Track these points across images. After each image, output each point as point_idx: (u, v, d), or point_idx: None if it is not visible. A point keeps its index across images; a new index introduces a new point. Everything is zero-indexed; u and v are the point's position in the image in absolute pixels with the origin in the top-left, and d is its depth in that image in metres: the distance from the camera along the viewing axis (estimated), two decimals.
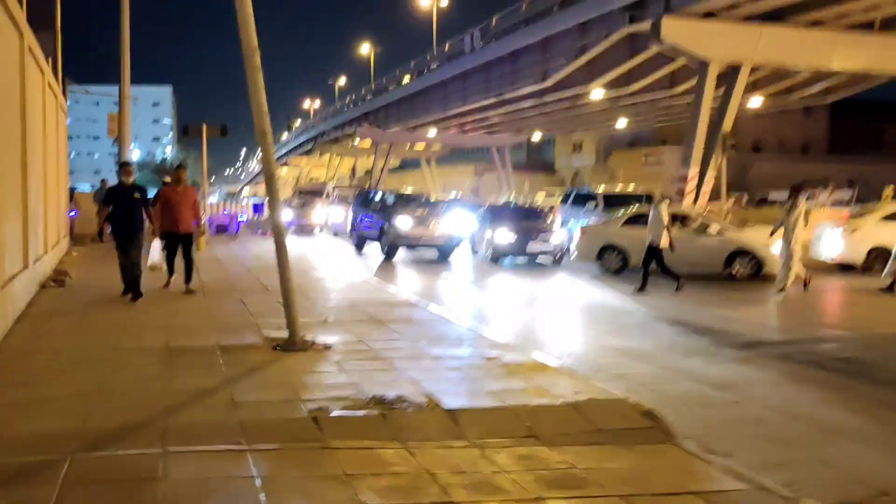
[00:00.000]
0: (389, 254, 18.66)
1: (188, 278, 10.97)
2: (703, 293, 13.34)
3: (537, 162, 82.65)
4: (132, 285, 10.10)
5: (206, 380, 5.94)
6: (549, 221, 18.97)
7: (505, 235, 17.41)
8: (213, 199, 57.83)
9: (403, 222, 18.33)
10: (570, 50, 31.15)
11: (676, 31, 24.49)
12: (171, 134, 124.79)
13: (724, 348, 8.86)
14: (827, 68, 27.58)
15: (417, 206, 19.93)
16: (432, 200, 22.66)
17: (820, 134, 72.72)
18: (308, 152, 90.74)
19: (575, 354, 8.38)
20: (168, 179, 17.10)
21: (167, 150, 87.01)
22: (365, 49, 69.14)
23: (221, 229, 27.51)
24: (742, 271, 14.94)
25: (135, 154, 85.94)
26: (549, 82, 33.61)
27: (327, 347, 7.26)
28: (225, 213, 31.31)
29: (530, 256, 17.79)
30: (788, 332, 10.27)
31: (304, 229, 30.01)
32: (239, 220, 29.00)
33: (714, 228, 15.55)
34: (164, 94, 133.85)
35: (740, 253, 14.96)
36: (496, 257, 17.75)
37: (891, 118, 69.84)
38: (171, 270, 11.13)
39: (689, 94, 34.80)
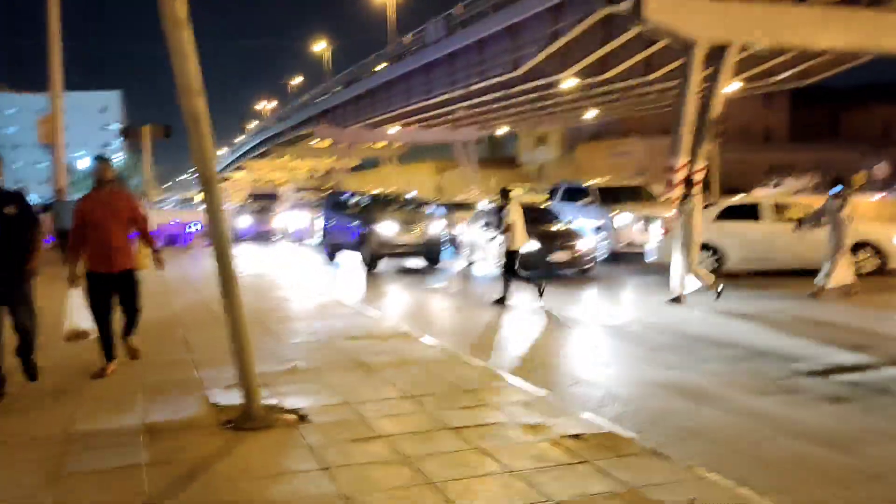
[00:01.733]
0: (371, 264, 16.45)
1: (128, 330, 7.01)
2: (744, 297, 11.51)
3: (500, 157, 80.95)
4: (23, 358, 6.05)
5: (118, 501, 3.81)
6: (570, 225, 16.15)
7: (526, 245, 14.26)
8: (167, 206, 54.84)
9: (386, 227, 16.14)
10: (542, 36, 29.24)
11: (660, 9, 22.60)
12: (120, 140, 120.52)
13: (798, 378, 7.00)
14: (816, 47, 26.06)
15: (400, 209, 17.82)
16: (415, 201, 20.47)
17: (780, 122, 72.26)
18: (264, 154, 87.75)
19: (616, 397, 6.44)
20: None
21: (116, 157, 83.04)
22: (321, 46, 66.59)
23: (171, 241, 25.06)
24: (866, 267, 13.21)
25: (84, 162, 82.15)
26: (519, 72, 31.68)
27: (300, 418, 5.18)
28: (174, 221, 28.81)
29: (551, 269, 14.31)
30: (860, 349, 8.42)
31: (262, 236, 27.80)
32: (189, 229, 26.55)
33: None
34: (111, 98, 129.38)
35: (862, 246, 13.25)
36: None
37: (848, 105, 69.86)
38: (108, 352, 6.66)
39: (665, 81, 33.24)
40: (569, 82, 32.67)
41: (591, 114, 47.56)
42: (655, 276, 14.10)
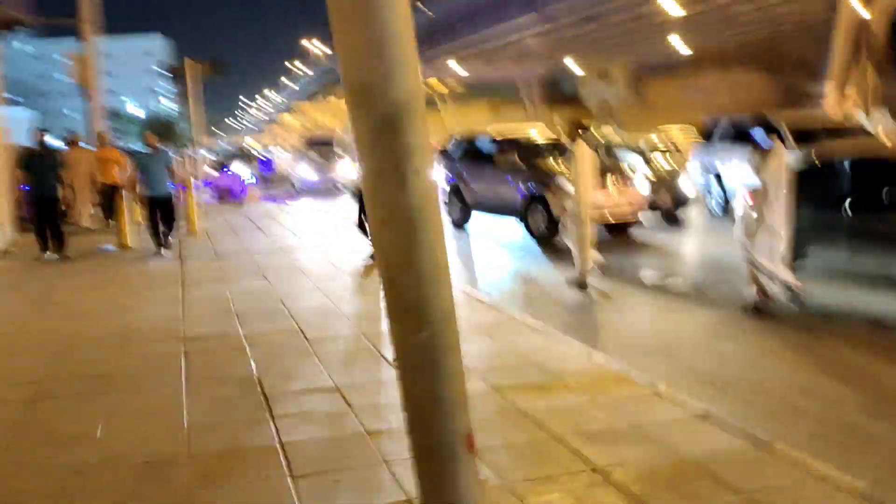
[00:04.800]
0: (549, 235, 11.90)
1: None
2: None
3: (556, 94, 75.68)
4: None
5: None
6: None
7: None
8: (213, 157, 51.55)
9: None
10: None
11: None
12: (165, 86, 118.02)
13: None
14: None
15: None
16: (599, 145, 14.32)
17: None
18: (312, 96, 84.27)
19: None
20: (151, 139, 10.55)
21: (161, 102, 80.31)
22: None
23: (225, 195, 22.05)
24: None
25: (130, 108, 79.88)
26: None
27: None
28: (227, 171, 25.84)
29: None
30: None
31: (325, 189, 24.74)
32: (244, 181, 23.59)
33: None
34: (156, 42, 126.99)
35: None
36: None
37: None
38: None
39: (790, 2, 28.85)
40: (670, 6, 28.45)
41: (672, 41, 42.72)
42: None
